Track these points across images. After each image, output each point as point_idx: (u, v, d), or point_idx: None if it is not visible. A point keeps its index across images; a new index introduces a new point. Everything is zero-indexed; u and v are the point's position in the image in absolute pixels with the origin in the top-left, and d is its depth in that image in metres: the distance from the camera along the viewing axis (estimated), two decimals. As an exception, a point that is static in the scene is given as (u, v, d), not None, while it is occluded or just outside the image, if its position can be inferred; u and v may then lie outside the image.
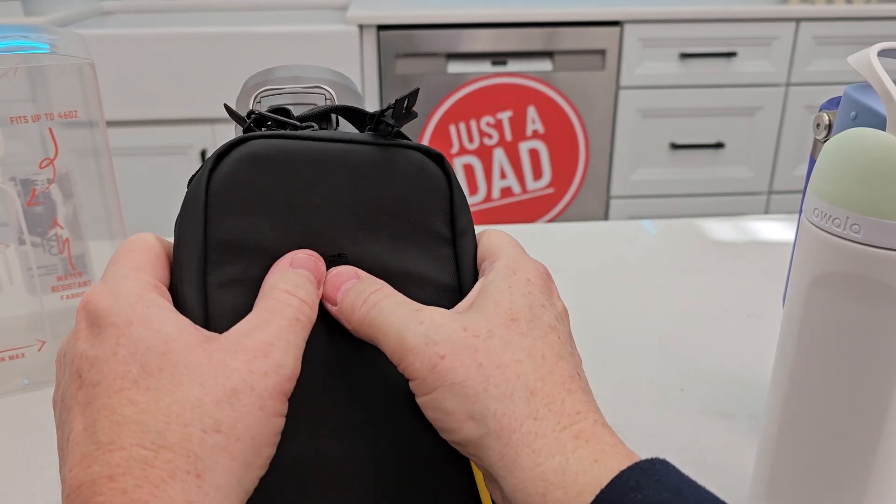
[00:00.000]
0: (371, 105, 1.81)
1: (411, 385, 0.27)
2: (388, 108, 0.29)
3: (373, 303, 0.28)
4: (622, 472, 0.24)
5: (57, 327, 0.54)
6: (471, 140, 1.95)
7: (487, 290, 0.29)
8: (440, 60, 1.89)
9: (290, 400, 0.26)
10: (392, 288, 0.29)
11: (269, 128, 0.30)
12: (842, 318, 0.33)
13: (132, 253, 0.28)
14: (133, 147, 1.87)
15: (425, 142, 1.94)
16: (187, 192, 0.28)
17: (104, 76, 0.57)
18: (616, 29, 1.90)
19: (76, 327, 0.26)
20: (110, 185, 0.53)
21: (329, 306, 0.29)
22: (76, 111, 0.50)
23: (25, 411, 0.51)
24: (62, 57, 0.49)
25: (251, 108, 0.33)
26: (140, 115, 1.86)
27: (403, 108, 0.29)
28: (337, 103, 0.33)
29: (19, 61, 0.48)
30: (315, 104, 0.34)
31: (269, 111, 0.30)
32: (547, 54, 1.91)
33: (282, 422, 0.25)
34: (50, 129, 0.49)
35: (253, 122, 0.30)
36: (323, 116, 0.31)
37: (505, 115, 1.94)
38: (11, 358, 0.52)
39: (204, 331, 0.26)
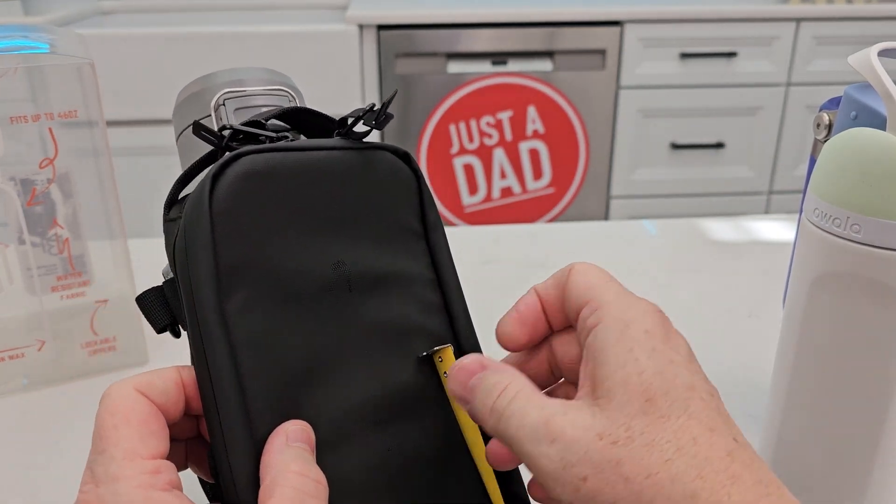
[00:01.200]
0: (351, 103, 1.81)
1: None
2: (364, 113, 0.29)
3: (499, 413, 0.26)
4: None
5: (56, 327, 0.54)
6: (471, 140, 1.95)
7: (608, 362, 0.25)
8: (440, 60, 1.89)
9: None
10: (516, 378, 0.26)
11: (240, 141, 0.29)
12: (842, 318, 0.33)
13: (116, 431, 0.25)
14: (133, 147, 1.87)
15: (425, 142, 1.94)
16: (188, 218, 0.27)
17: (104, 76, 0.57)
18: (616, 29, 1.90)
19: None
20: (110, 184, 0.53)
21: (465, 406, 0.27)
22: (76, 111, 0.50)
23: (25, 411, 0.51)
24: (62, 57, 0.49)
25: (212, 110, 0.33)
26: (140, 115, 1.86)
27: (384, 114, 0.29)
28: (297, 105, 0.33)
29: (19, 61, 0.48)
30: (277, 106, 0.33)
31: (243, 124, 0.30)
32: (547, 54, 1.91)
33: None
34: (50, 129, 0.49)
35: (229, 138, 0.29)
36: (290, 120, 0.31)
37: (505, 115, 1.94)
38: (11, 358, 0.52)
39: None
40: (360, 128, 0.31)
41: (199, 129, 0.28)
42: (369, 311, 0.29)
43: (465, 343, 0.32)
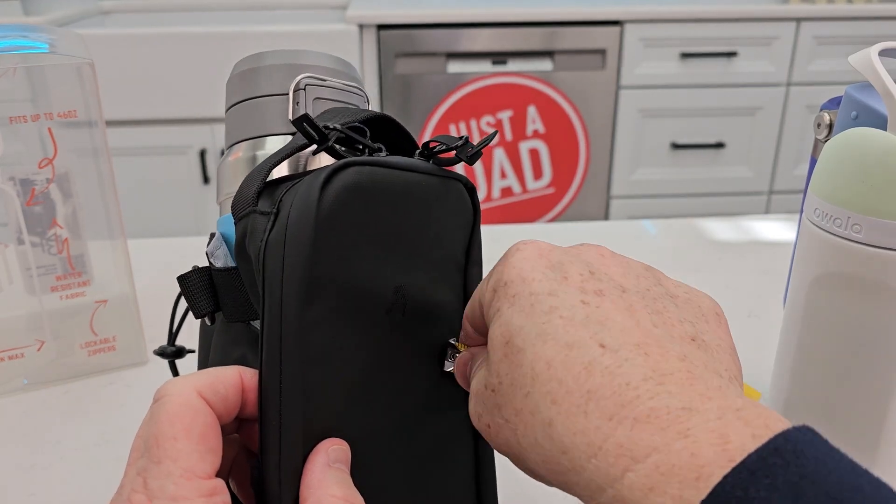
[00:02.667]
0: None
1: None
2: (458, 145, 0.29)
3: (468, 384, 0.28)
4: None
5: (56, 327, 0.54)
6: (471, 139, 1.95)
7: (490, 324, 0.27)
8: (440, 60, 1.89)
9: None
10: (481, 351, 0.28)
11: (338, 142, 0.28)
12: (843, 317, 0.33)
13: (176, 443, 0.23)
14: (132, 147, 1.87)
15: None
16: (292, 219, 0.26)
17: (103, 76, 0.57)
18: (616, 28, 1.90)
19: None
20: (109, 184, 0.53)
21: None
22: (75, 111, 0.50)
23: (25, 411, 0.51)
24: (61, 57, 0.49)
25: (291, 95, 0.31)
26: (139, 115, 1.86)
27: (478, 153, 0.30)
28: (385, 114, 0.32)
29: (18, 61, 0.48)
30: (352, 104, 0.33)
31: (346, 127, 0.29)
32: (547, 54, 1.91)
33: None
34: (49, 129, 0.49)
35: (334, 141, 0.28)
36: (373, 126, 0.31)
37: (505, 115, 1.94)
38: (11, 358, 0.52)
39: None
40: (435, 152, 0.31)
41: (302, 121, 0.27)
42: (416, 336, 0.29)
43: None
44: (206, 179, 1.93)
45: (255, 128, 0.32)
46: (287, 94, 0.31)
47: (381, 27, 1.84)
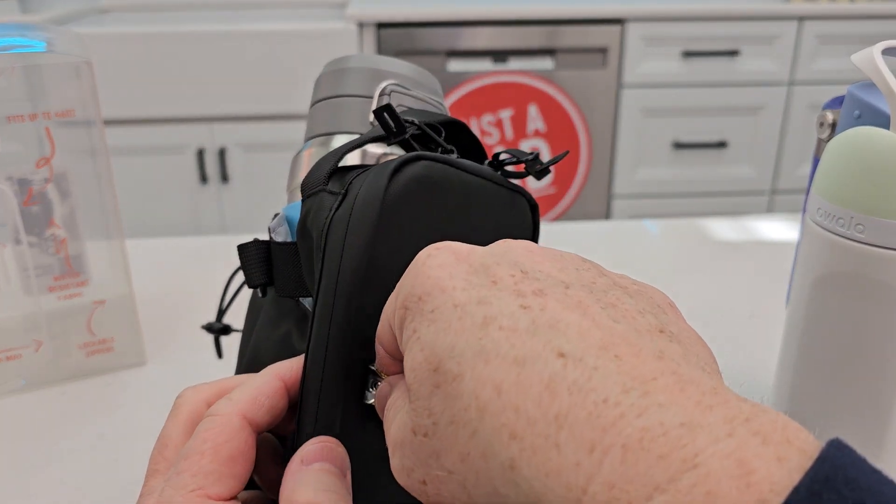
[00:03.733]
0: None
1: None
2: (529, 160, 0.30)
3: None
4: None
5: (53, 328, 0.53)
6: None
7: (405, 351, 0.22)
8: (440, 58, 1.88)
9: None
10: (399, 389, 0.25)
11: (414, 138, 0.29)
12: (846, 318, 0.33)
13: (201, 459, 0.24)
14: (131, 146, 1.87)
15: (426, 140, 1.94)
16: (360, 201, 0.26)
17: (101, 75, 0.57)
18: (618, 27, 1.89)
19: None
20: (108, 184, 0.53)
21: None
22: (73, 110, 0.50)
23: (23, 412, 0.51)
24: (59, 55, 0.49)
25: (376, 97, 0.33)
26: (137, 114, 1.86)
27: (547, 169, 0.30)
28: (461, 122, 0.33)
29: (16, 60, 0.48)
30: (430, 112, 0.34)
31: (423, 124, 0.30)
32: (548, 52, 1.91)
33: None
34: (47, 129, 0.49)
35: (410, 136, 0.29)
36: (449, 131, 0.32)
37: (506, 114, 1.94)
38: (8, 358, 0.52)
39: None
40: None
41: (383, 111, 0.28)
42: None
43: None
44: (204, 179, 1.93)
45: (333, 125, 0.33)
46: (368, 96, 0.33)
47: (380, 25, 1.84)
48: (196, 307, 0.63)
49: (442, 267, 0.21)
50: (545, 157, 1.99)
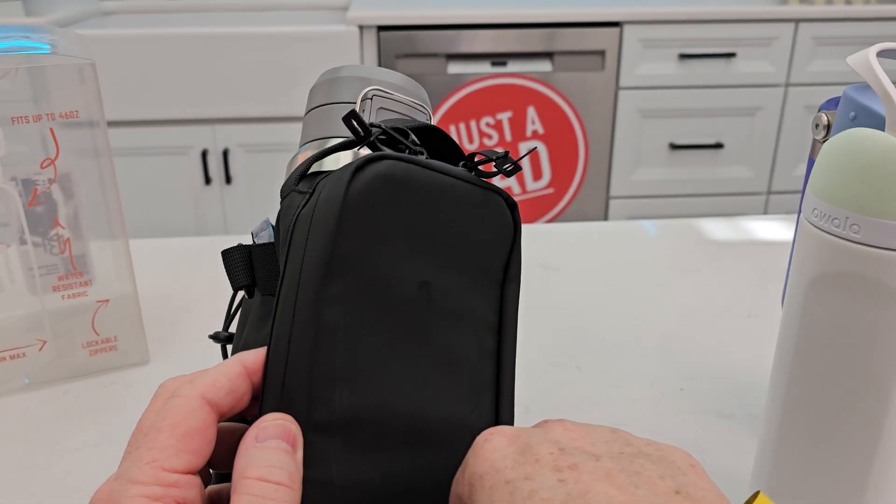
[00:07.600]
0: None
1: None
2: (498, 158, 0.31)
3: None
4: None
5: (57, 327, 0.54)
6: (470, 140, 1.95)
7: None
8: (440, 61, 1.89)
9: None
10: None
11: (381, 140, 0.30)
12: (841, 318, 0.33)
13: (157, 434, 0.25)
14: (135, 147, 1.87)
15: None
16: (322, 197, 0.28)
17: (105, 76, 0.57)
18: (615, 30, 1.90)
19: None
20: (111, 184, 0.53)
21: None
22: (77, 111, 0.50)
23: (26, 411, 0.51)
24: (63, 57, 0.49)
25: (358, 103, 0.34)
26: (141, 116, 1.86)
27: (517, 167, 0.31)
28: (436, 125, 0.34)
29: (20, 61, 0.48)
30: (413, 118, 0.35)
31: (390, 128, 0.31)
32: (546, 55, 1.91)
33: None
34: (51, 130, 0.50)
35: (378, 139, 0.30)
36: (423, 136, 0.33)
37: (504, 116, 1.94)
38: (12, 357, 0.52)
39: None
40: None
41: (351, 117, 0.30)
42: (436, 335, 0.30)
43: (504, 393, 0.33)
44: (207, 180, 1.93)
45: (323, 130, 0.35)
46: (356, 102, 0.34)
47: (381, 28, 1.84)
48: (199, 307, 0.63)
49: (495, 450, 0.27)
50: (544, 159, 1.99)
